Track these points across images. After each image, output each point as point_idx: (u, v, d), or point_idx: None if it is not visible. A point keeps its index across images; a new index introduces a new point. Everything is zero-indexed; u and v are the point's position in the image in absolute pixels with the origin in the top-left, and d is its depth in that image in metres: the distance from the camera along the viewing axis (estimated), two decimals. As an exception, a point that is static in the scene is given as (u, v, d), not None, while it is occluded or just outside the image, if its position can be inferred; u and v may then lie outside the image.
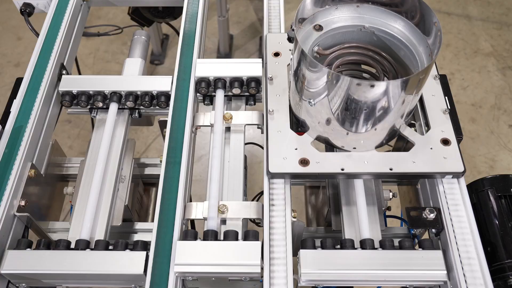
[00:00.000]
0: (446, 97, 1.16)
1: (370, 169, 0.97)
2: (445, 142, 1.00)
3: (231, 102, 1.18)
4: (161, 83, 1.17)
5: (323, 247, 0.94)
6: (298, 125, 1.06)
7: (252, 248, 0.89)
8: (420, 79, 0.89)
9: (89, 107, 1.20)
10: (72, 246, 0.97)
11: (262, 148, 1.14)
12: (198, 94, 1.17)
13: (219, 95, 1.13)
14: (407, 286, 0.94)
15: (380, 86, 0.86)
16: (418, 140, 1.01)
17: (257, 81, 1.13)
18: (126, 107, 1.19)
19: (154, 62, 2.77)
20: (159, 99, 1.16)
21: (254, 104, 1.19)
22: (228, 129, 1.11)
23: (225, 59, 1.18)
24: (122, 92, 1.16)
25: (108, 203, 1.06)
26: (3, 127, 1.08)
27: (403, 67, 1.03)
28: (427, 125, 1.05)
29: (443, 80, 1.20)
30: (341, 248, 0.94)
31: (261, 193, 1.36)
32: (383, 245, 0.94)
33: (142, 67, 1.31)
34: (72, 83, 1.18)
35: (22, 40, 2.93)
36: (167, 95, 1.16)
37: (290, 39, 0.97)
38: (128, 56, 1.34)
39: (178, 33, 2.05)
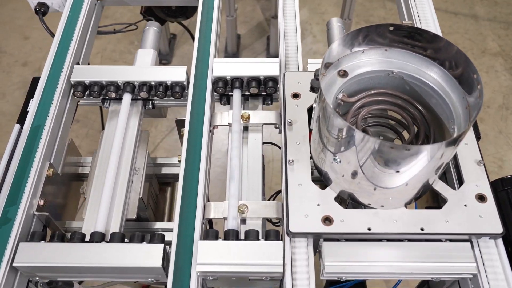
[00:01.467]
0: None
1: (399, 229, 0.90)
2: (481, 198, 0.93)
3: (248, 102, 1.18)
4: (175, 73, 1.16)
5: (346, 239, 0.93)
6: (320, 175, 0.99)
7: (274, 247, 0.89)
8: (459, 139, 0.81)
9: (101, 98, 1.20)
10: (87, 239, 0.96)
11: (279, 147, 1.14)
12: (215, 93, 1.17)
13: (237, 94, 1.13)
14: (433, 279, 0.93)
15: (414, 149, 0.78)
16: (451, 196, 0.93)
17: (274, 80, 1.13)
18: (139, 97, 1.18)
19: (162, 62, 2.77)
20: (174, 89, 1.15)
21: (271, 104, 1.19)
22: (245, 128, 1.11)
23: (242, 59, 1.18)
24: (135, 82, 1.16)
25: (123, 195, 1.05)
26: (22, 126, 1.08)
27: (434, 115, 0.96)
28: (460, 178, 0.97)
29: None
30: (365, 239, 0.93)
31: (278, 192, 1.37)
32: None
33: (155, 58, 1.30)
34: (84, 73, 1.18)
35: (29, 40, 2.94)
36: (182, 86, 1.15)
37: (313, 89, 0.88)
38: (140, 48, 1.34)
39: (190, 33, 2.06)
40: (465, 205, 0.92)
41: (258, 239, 0.91)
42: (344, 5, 2.52)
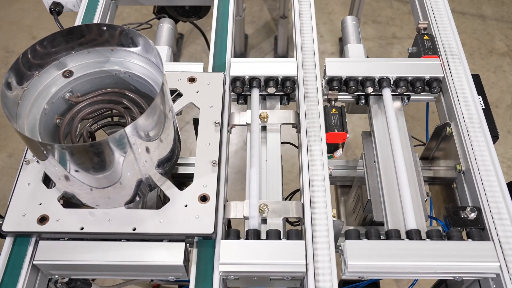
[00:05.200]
0: (480, 97, 1.16)
1: (112, 228, 0.91)
2: (203, 198, 0.93)
3: (265, 101, 1.18)
4: (193, 68, 1.15)
5: (368, 237, 0.93)
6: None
7: (296, 247, 0.89)
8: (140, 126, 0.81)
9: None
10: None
11: (296, 147, 1.14)
12: (232, 93, 1.17)
13: (255, 94, 1.13)
14: (455, 278, 0.92)
15: (70, 148, 0.79)
16: (175, 196, 0.94)
17: (292, 80, 1.13)
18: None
19: (169, 62, 2.77)
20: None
21: (288, 104, 1.19)
22: (263, 128, 1.11)
23: (260, 58, 1.19)
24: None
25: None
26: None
27: None
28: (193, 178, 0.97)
29: (477, 80, 1.20)
30: (387, 238, 0.94)
31: (295, 191, 1.37)
32: (431, 235, 0.93)
33: (170, 55, 1.30)
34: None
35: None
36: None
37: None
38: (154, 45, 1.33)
39: (202, 32, 2.06)
40: (186, 205, 0.92)
41: (280, 238, 0.91)
42: (353, 5, 2.53)
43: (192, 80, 1.10)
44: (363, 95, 1.20)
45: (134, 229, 0.91)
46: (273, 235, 0.91)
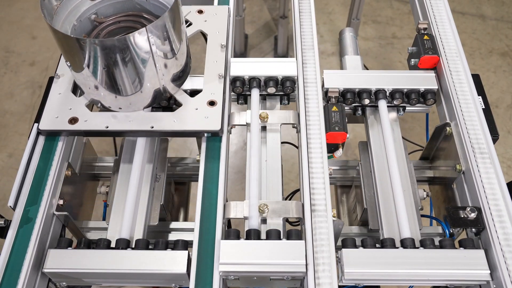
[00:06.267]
0: (480, 97, 1.16)
1: (132, 127, 1.04)
2: (211, 103, 1.07)
3: (265, 101, 1.18)
4: (193, 79, 1.15)
5: (364, 246, 0.94)
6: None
7: (296, 247, 0.89)
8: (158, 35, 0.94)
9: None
10: (112, 245, 0.97)
11: (296, 147, 1.14)
12: (232, 93, 1.17)
13: (255, 94, 1.13)
14: (447, 285, 0.94)
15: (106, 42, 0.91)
16: (187, 101, 1.08)
17: (292, 80, 1.13)
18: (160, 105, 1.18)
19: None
20: (193, 96, 1.15)
21: (288, 104, 1.19)
22: (263, 128, 1.11)
23: (259, 58, 1.19)
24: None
25: (145, 203, 1.07)
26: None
27: None
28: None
29: (477, 80, 1.20)
30: (382, 247, 0.95)
31: (295, 191, 1.37)
32: (424, 244, 0.94)
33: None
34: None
35: (36, 39, 2.93)
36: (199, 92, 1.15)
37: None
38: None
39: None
40: (196, 109, 1.07)
41: (280, 238, 0.91)
42: (353, 5, 2.53)
43: (200, 12, 1.26)
44: (359, 106, 1.21)
45: (152, 127, 1.04)
46: (273, 235, 0.91)
